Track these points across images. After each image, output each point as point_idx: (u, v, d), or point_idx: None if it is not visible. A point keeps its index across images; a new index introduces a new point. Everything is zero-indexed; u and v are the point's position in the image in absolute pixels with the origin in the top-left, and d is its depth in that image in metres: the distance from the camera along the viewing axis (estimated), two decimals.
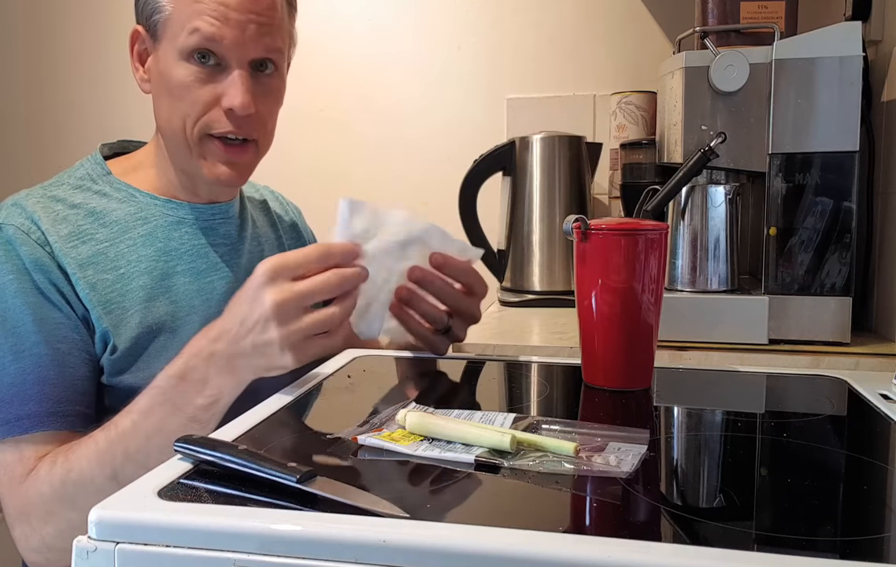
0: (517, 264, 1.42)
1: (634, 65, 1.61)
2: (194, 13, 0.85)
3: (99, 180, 0.94)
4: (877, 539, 0.48)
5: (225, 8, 0.85)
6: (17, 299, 0.83)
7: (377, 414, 0.67)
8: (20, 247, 0.84)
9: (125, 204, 0.93)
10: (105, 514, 0.48)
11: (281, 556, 0.45)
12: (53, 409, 0.81)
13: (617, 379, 0.77)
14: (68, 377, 0.83)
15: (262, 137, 0.93)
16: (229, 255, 0.98)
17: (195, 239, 0.95)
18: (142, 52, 0.93)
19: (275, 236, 1.10)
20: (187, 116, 0.88)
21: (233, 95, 0.87)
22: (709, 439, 0.67)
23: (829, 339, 0.99)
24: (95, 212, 0.91)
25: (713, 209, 1.03)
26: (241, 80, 0.87)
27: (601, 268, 0.76)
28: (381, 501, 0.48)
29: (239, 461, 0.53)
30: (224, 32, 0.85)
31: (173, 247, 0.93)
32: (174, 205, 0.95)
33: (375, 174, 1.76)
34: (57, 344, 0.83)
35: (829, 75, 0.96)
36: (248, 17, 0.86)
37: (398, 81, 1.74)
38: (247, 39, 0.87)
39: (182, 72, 0.87)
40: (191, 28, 0.85)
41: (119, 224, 0.91)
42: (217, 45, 0.86)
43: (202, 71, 0.87)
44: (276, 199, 1.16)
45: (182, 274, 0.92)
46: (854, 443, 0.67)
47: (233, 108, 0.87)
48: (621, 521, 0.49)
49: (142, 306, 0.88)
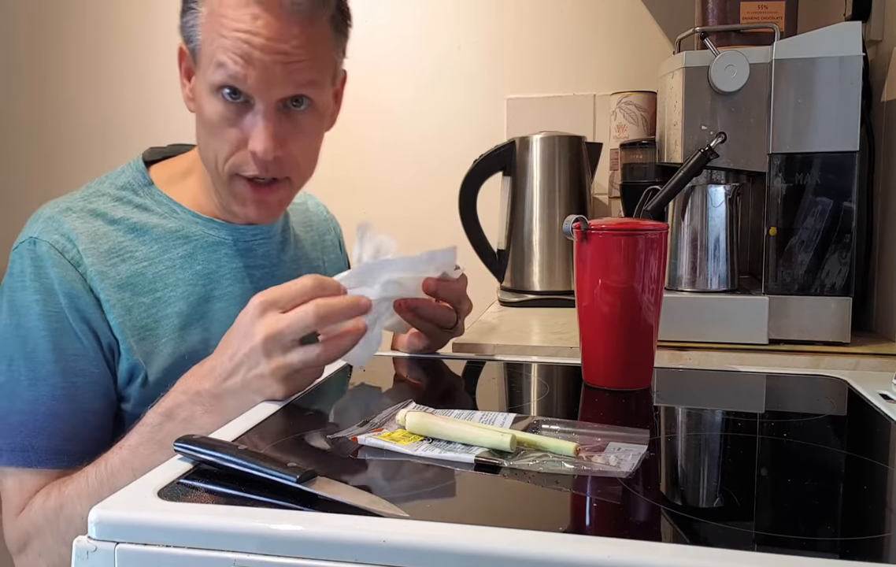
0: (517, 264, 1.42)
1: (634, 65, 1.61)
2: (220, 48, 0.81)
3: (140, 191, 0.92)
4: (877, 539, 0.48)
5: (249, 47, 0.80)
6: (41, 323, 0.81)
7: (377, 414, 0.67)
8: (52, 267, 0.82)
9: (166, 220, 0.91)
10: (105, 514, 0.48)
11: (281, 556, 0.45)
12: (61, 448, 0.81)
13: (617, 379, 0.77)
14: (80, 412, 0.82)
15: (296, 174, 0.90)
16: (266, 281, 0.94)
17: (233, 262, 0.93)
18: (188, 70, 0.90)
19: (317, 257, 1.07)
20: (218, 153, 0.86)
21: (255, 141, 0.83)
22: (709, 439, 0.67)
23: (829, 339, 0.99)
24: (136, 227, 0.89)
25: (713, 209, 1.03)
26: (264, 125, 0.83)
27: (601, 268, 0.76)
28: (381, 501, 0.48)
29: (239, 461, 0.53)
30: (248, 73, 0.80)
31: (212, 269, 0.91)
32: (215, 225, 0.93)
33: (375, 174, 1.76)
34: (73, 377, 0.82)
35: (829, 75, 0.96)
36: (273, 58, 0.80)
37: (398, 81, 1.74)
38: (273, 80, 0.81)
39: (212, 107, 0.84)
40: (217, 62, 0.81)
41: (159, 242, 0.89)
42: (241, 84, 0.82)
43: (231, 108, 0.84)
44: (322, 216, 1.14)
45: (218, 299, 0.91)
46: (854, 443, 0.67)
47: (255, 153, 0.84)
48: (621, 521, 0.49)
49: (176, 334, 0.87)
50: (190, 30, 0.85)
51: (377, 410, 0.68)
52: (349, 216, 1.79)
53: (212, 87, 0.83)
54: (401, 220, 1.75)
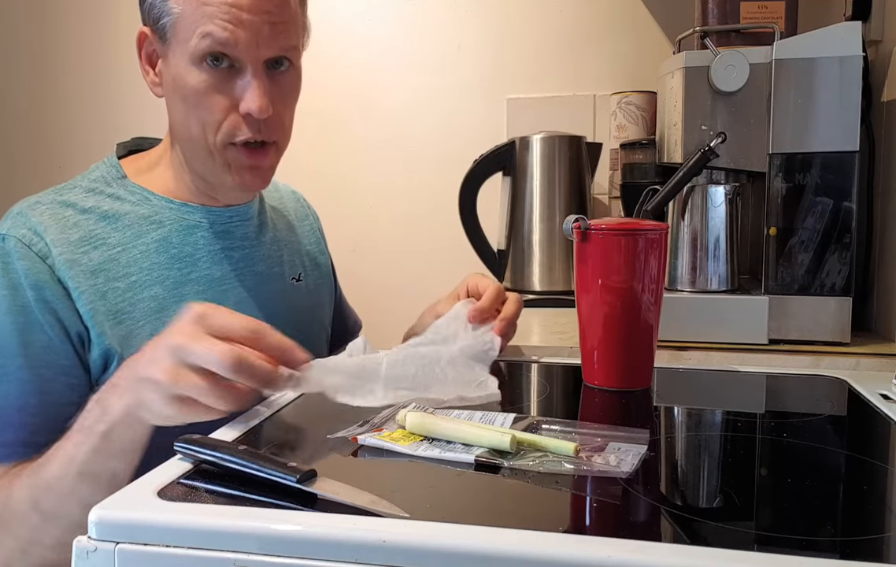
0: (517, 264, 1.42)
1: (634, 65, 1.61)
2: (205, 17, 0.82)
3: (113, 183, 0.92)
4: (877, 539, 0.48)
5: (237, 10, 0.82)
6: (8, 318, 0.81)
7: (377, 414, 0.67)
8: (18, 260, 0.82)
9: (139, 206, 0.91)
10: (105, 514, 0.48)
11: (281, 556, 0.45)
12: (28, 440, 0.80)
13: (617, 379, 0.77)
14: (49, 405, 0.81)
15: (282, 137, 0.92)
16: (246, 262, 0.95)
17: (211, 244, 0.93)
18: (151, 54, 0.90)
19: (295, 240, 1.07)
20: (206, 124, 0.86)
21: (250, 100, 0.85)
22: (709, 439, 0.67)
23: (829, 339, 0.99)
24: (108, 215, 0.89)
25: (713, 209, 1.03)
26: (257, 83, 0.85)
27: (601, 268, 0.76)
28: (381, 501, 0.48)
29: (239, 461, 0.53)
30: (238, 35, 0.83)
31: (187, 252, 0.91)
32: (189, 209, 0.93)
33: (375, 174, 1.76)
34: (41, 369, 0.81)
35: (829, 75, 0.96)
36: (261, 18, 0.83)
37: (398, 81, 1.74)
38: (260, 40, 0.84)
39: (195, 77, 0.85)
40: (202, 32, 0.83)
41: (132, 228, 0.89)
42: (231, 49, 0.83)
43: (216, 74, 0.85)
44: (298, 201, 1.14)
45: (196, 282, 0.90)
46: (854, 443, 0.67)
47: (251, 112, 0.85)
48: (621, 521, 0.49)
49: (153, 317, 0.86)
50: (161, 6, 0.85)
51: (377, 410, 0.68)
52: (349, 216, 1.79)
53: (194, 57, 0.84)
54: (400, 220, 1.75)
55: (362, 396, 0.69)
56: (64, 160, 1.89)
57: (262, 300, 0.94)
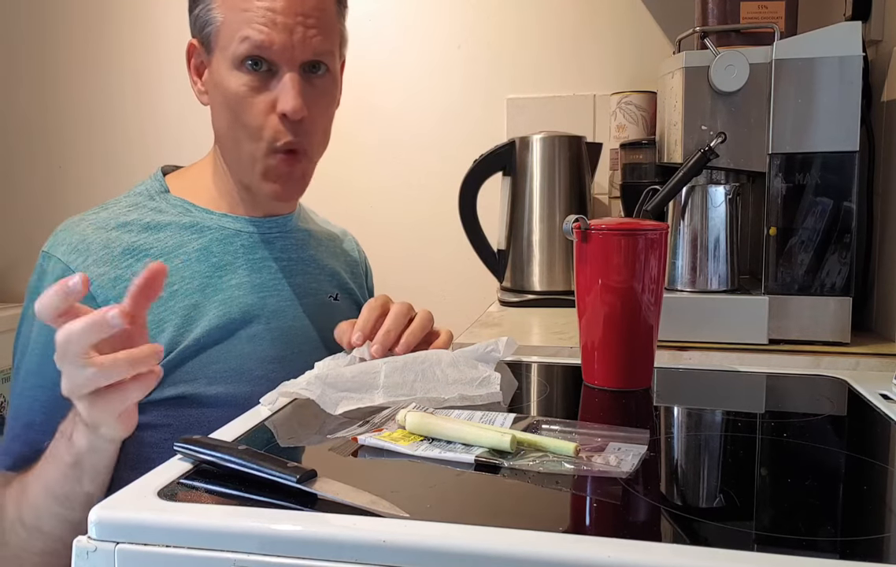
0: (517, 264, 1.42)
1: (634, 65, 1.61)
2: (244, 22, 0.85)
3: (156, 196, 0.94)
4: (877, 539, 0.48)
5: (272, 13, 0.85)
6: (36, 335, 0.83)
7: (377, 414, 0.67)
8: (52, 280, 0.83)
9: (180, 217, 0.92)
10: (105, 514, 0.48)
11: (281, 556, 0.45)
12: (25, 453, 0.81)
13: (617, 379, 0.77)
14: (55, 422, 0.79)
15: (315, 145, 0.92)
16: (284, 273, 0.96)
17: (250, 252, 0.94)
18: (198, 66, 0.93)
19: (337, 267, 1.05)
20: (249, 125, 0.88)
21: (284, 100, 0.86)
22: (709, 439, 0.67)
23: (829, 339, 0.99)
24: (150, 226, 0.90)
25: (713, 209, 1.03)
26: (291, 84, 0.86)
27: (601, 268, 0.76)
28: (381, 501, 0.48)
29: (239, 461, 0.53)
30: (273, 38, 0.85)
31: (227, 260, 0.92)
32: (230, 218, 0.94)
33: (375, 174, 1.76)
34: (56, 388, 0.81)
35: (829, 75, 0.96)
36: (295, 20, 0.86)
37: (398, 81, 1.74)
38: (295, 43, 0.86)
39: (235, 81, 0.87)
40: (241, 36, 0.85)
41: (174, 238, 0.90)
42: (267, 51, 0.85)
43: (255, 78, 0.86)
44: (350, 241, 1.14)
45: (235, 287, 0.91)
46: (854, 443, 0.67)
47: (285, 112, 0.86)
48: (621, 521, 0.49)
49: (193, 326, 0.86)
50: (205, 16, 0.88)
51: (377, 410, 0.68)
52: (349, 217, 1.79)
53: (234, 61, 0.86)
54: (400, 220, 1.75)
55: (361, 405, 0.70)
56: (64, 160, 1.89)
57: (297, 311, 0.95)
